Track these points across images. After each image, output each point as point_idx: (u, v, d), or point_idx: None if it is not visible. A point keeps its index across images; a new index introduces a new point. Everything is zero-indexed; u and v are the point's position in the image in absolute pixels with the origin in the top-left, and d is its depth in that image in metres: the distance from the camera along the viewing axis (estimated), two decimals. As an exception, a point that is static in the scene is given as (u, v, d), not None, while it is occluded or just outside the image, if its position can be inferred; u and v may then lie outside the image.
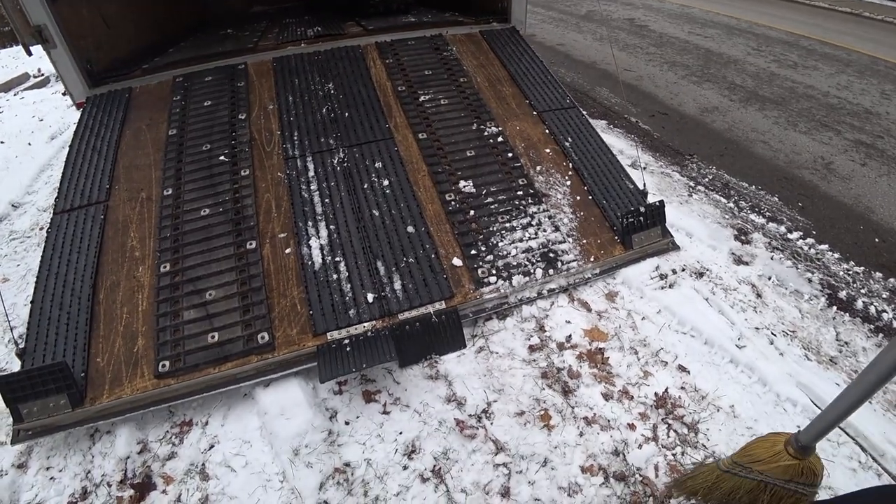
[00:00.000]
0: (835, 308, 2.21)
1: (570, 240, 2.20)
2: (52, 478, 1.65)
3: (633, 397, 1.77)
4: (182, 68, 3.02)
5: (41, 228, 3.01)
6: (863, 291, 2.35)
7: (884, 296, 2.34)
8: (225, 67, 3.00)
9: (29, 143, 4.27)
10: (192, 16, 5.79)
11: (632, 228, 2.20)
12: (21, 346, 1.84)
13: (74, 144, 2.55)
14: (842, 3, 8.43)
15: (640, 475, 1.54)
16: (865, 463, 1.55)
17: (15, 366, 2.01)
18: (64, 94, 4.43)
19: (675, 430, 1.67)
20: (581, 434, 1.65)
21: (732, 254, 2.49)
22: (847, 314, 2.19)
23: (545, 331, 2.01)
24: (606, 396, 1.77)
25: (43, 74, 6.58)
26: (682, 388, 1.80)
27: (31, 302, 1.95)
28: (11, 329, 2.11)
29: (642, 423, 1.68)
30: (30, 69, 6.65)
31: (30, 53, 2.69)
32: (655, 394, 1.78)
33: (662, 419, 1.70)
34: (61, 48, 2.72)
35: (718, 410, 1.73)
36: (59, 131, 4.49)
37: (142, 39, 3.99)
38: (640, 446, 1.62)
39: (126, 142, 2.57)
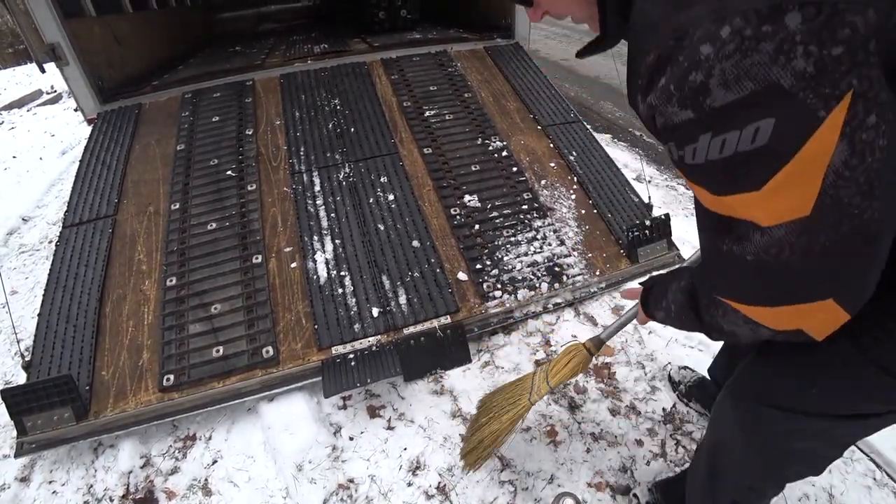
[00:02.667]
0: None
1: (576, 253, 2.19)
2: (54, 492, 1.65)
3: (640, 413, 1.74)
4: (191, 85, 3.08)
5: (50, 242, 3.05)
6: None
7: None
8: (233, 84, 3.05)
9: (40, 158, 4.34)
10: (201, 34, 5.92)
11: (637, 242, 2.19)
12: (27, 358, 1.85)
13: (84, 159, 2.59)
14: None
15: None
16: (881, 480, 1.52)
17: (20, 378, 2.01)
18: (75, 110, 4.51)
19: (683, 446, 1.64)
20: (588, 450, 1.63)
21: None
22: (857, 328, 2.16)
23: (551, 345, 1.99)
24: (613, 412, 1.75)
25: (55, 91, 6.72)
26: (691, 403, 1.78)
27: (38, 315, 1.96)
28: (18, 342, 2.12)
29: (650, 439, 1.65)
30: (43, 86, 6.80)
31: (43, 71, 2.75)
32: (663, 409, 1.75)
33: (671, 435, 1.67)
34: (74, 65, 2.78)
35: (728, 426, 1.70)
36: (71, 146, 4.56)
37: (152, 57, 4.08)
38: (647, 463, 1.59)
39: (135, 157, 2.61)
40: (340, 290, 2.00)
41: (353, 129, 2.70)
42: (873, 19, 0.46)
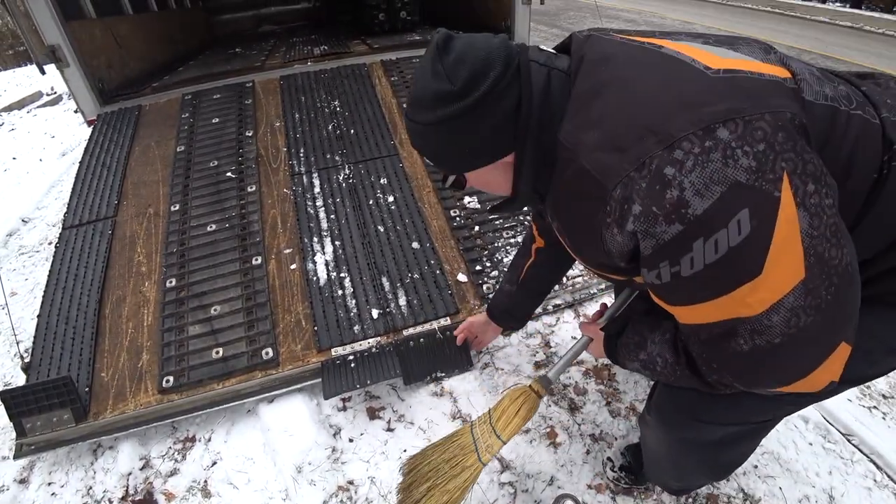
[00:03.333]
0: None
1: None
2: (53, 493, 1.64)
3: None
4: (191, 86, 3.08)
5: (50, 243, 3.05)
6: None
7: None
8: (233, 85, 3.06)
9: (40, 160, 4.34)
10: (201, 35, 5.92)
11: (637, 243, 2.19)
12: (27, 360, 1.84)
13: (84, 161, 2.59)
14: (842, 17, 8.50)
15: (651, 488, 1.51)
16: (881, 482, 1.52)
17: (20, 380, 2.01)
18: (75, 111, 4.51)
19: (683, 449, 1.64)
20: (588, 452, 1.63)
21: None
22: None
23: (551, 347, 1.99)
24: (613, 413, 1.75)
25: (56, 92, 6.72)
26: (691, 405, 1.78)
27: (38, 316, 1.96)
28: (17, 343, 2.12)
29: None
30: (43, 88, 6.80)
31: (43, 72, 2.75)
32: (663, 411, 1.75)
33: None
34: (74, 67, 2.79)
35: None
36: (70, 148, 4.57)
37: (152, 58, 4.09)
38: (648, 465, 1.59)
39: (135, 158, 2.61)
40: (340, 292, 2.00)
41: (353, 131, 2.71)
42: (771, 121, 0.60)
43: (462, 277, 2.07)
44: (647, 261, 0.67)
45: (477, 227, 2.25)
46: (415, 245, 2.16)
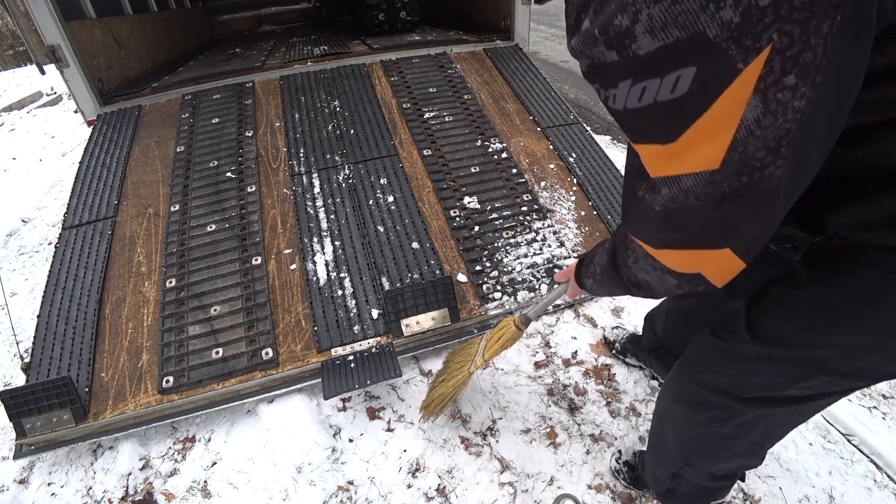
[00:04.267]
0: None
1: (576, 255, 2.19)
2: (53, 493, 1.64)
3: (640, 414, 1.74)
4: (191, 86, 3.08)
5: (50, 243, 3.05)
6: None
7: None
8: (233, 86, 3.06)
9: (40, 160, 4.34)
10: (200, 36, 5.92)
11: (637, 243, 2.19)
12: (26, 360, 1.84)
13: (84, 161, 2.59)
14: (843, 19, 8.48)
15: (648, 494, 1.51)
16: (881, 482, 1.52)
17: (20, 380, 2.01)
18: (75, 111, 4.51)
19: (683, 449, 1.64)
20: (588, 452, 1.63)
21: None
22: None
23: (551, 347, 1.99)
24: (613, 413, 1.75)
25: (56, 93, 6.72)
26: (691, 405, 1.78)
27: (38, 316, 1.96)
28: (17, 343, 2.12)
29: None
30: (43, 88, 6.80)
31: (43, 72, 2.75)
32: (663, 411, 1.75)
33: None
34: (74, 67, 2.79)
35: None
36: (70, 148, 4.57)
37: (152, 59, 4.09)
38: (648, 465, 1.59)
39: (135, 158, 2.61)
40: (340, 292, 2.00)
41: (352, 131, 2.71)
42: None
43: (462, 277, 2.07)
44: (585, 75, 0.62)
45: (477, 228, 2.25)
46: (415, 245, 2.16)
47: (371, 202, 2.34)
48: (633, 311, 2.15)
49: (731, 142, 0.51)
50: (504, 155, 2.59)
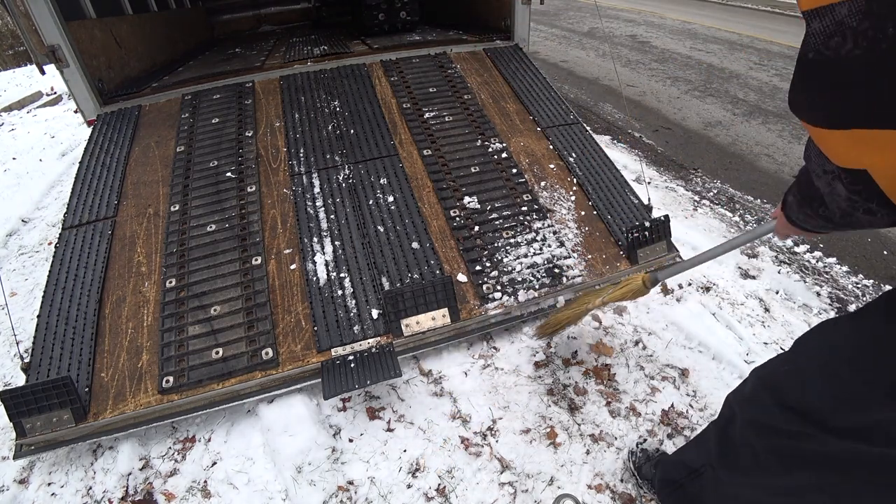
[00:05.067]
0: (844, 323, 2.18)
1: (576, 255, 2.19)
2: (53, 493, 1.64)
3: (640, 414, 1.74)
4: (191, 86, 3.08)
5: (50, 243, 3.05)
6: (872, 306, 2.32)
7: (894, 311, 2.30)
8: (233, 86, 3.05)
9: (40, 160, 4.34)
10: (200, 36, 5.92)
11: (637, 243, 2.19)
12: (26, 360, 1.84)
13: (84, 161, 2.59)
14: (843, 19, 8.47)
15: (648, 494, 1.51)
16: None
17: (20, 380, 2.01)
18: (75, 111, 4.51)
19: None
20: (588, 452, 1.63)
21: (739, 268, 2.47)
22: (857, 330, 2.16)
23: (551, 347, 1.99)
24: (613, 413, 1.75)
25: (56, 93, 6.72)
26: (690, 404, 1.78)
27: (38, 316, 1.96)
28: (17, 343, 2.12)
29: (650, 440, 1.65)
30: (43, 87, 6.80)
31: (43, 72, 2.75)
32: (662, 410, 1.75)
33: (669, 436, 1.67)
34: (74, 67, 2.78)
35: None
36: (70, 148, 4.56)
37: (152, 59, 4.09)
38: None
39: (135, 158, 2.61)
40: (340, 292, 2.00)
41: (352, 131, 2.71)
42: None
43: (462, 277, 2.07)
44: None
45: (477, 228, 2.25)
46: (415, 245, 2.16)
47: (371, 202, 2.34)
48: (634, 312, 2.15)
49: None
50: (504, 155, 2.59)
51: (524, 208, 2.34)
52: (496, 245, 2.19)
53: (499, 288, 2.04)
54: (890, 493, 0.82)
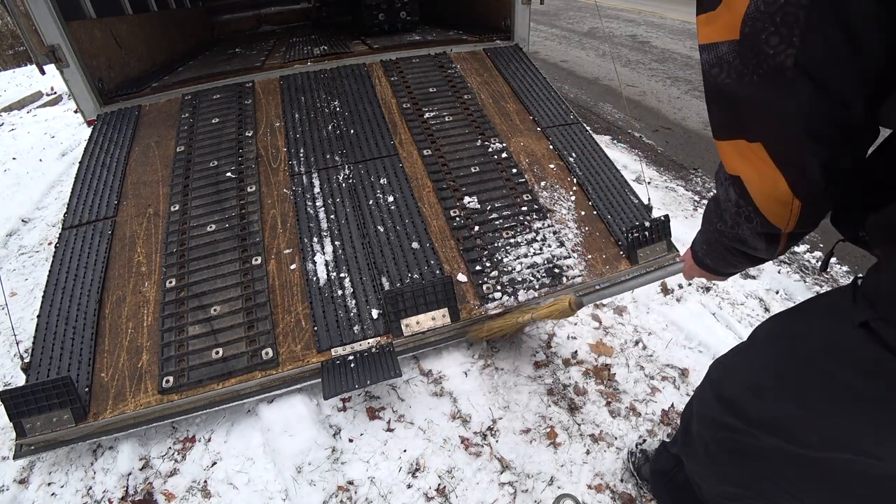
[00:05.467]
0: (844, 323, 2.18)
1: (576, 255, 2.19)
2: (53, 493, 1.64)
3: (640, 414, 1.74)
4: (191, 86, 3.08)
5: (50, 243, 3.05)
6: (872, 306, 2.32)
7: (894, 311, 2.30)
8: (233, 86, 3.05)
9: (40, 160, 4.34)
10: (200, 35, 5.92)
11: (637, 243, 2.19)
12: (26, 360, 1.84)
13: (84, 161, 2.59)
14: (843, 19, 8.47)
15: (648, 494, 1.51)
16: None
17: (20, 380, 2.01)
18: (75, 111, 4.51)
19: (683, 449, 1.64)
20: (588, 452, 1.63)
21: (739, 268, 2.47)
22: (857, 330, 2.16)
23: (551, 347, 1.99)
24: (613, 413, 1.75)
25: (56, 93, 6.72)
26: (691, 405, 1.78)
27: (38, 316, 1.96)
28: (17, 343, 2.12)
29: (650, 440, 1.65)
30: (43, 87, 6.80)
31: (43, 72, 2.75)
32: (663, 410, 1.75)
33: (668, 435, 1.67)
34: (74, 67, 2.78)
35: (728, 428, 1.70)
36: (70, 148, 4.56)
37: (152, 58, 4.09)
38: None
39: (135, 158, 2.61)
40: (340, 292, 2.00)
41: (352, 131, 2.71)
42: None
43: (462, 277, 2.07)
44: None
45: (477, 228, 2.25)
46: (414, 245, 2.16)
47: (371, 202, 2.34)
48: (634, 312, 2.15)
49: (744, 14, 0.56)
50: (504, 155, 2.59)
51: (524, 208, 2.34)
52: (496, 245, 2.19)
53: (499, 288, 2.04)
54: (822, 487, 0.83)
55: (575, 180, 2.51)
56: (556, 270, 2.11)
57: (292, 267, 2.09)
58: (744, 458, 0.94)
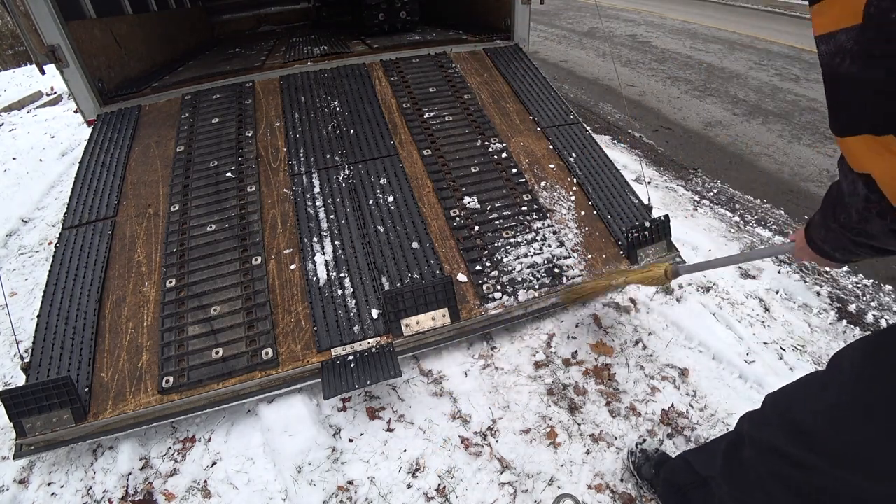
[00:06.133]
0: (844, 322, 2.18)
1: (576, 255, 2.19)
2: (53, 493, 1.64)
3: (640, 414, 1.74)
4: (191, 86, 3.08)
5: (50, 243, 3.05)
6: (872, 305, 2.32)
7: (894, 309, 2.31)
8: (233, 85, 3.05)
9: (40, 160, 4.34)
10: (200, 35, 5.92)
11: (637, 243, 2.19)
12: (26, 360, 1.84)
13: (84, 161, 2.59)
14: (843, 18, 8.46)
15: (648, 494, 1.51)
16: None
17: (20, 380, 2.01)
18: (75, 111, 4.51)
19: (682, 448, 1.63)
20: (588, 452, 1.63)
21: (739, 268, 2.47)
22: (857, 328, 2.17)
23: (551, 347, 1.99)
24: (613, 413, 1.75)
25: (56, 93, 6.71)
26: (690, 404, 1.78)
27: (38, 316, 1.96)
28: (17, 343, 2.12)
29: (650, 440, 1.65)
30: (43, 87, 6.80)
31: (43, 72, 2.75)
32: (662, 410, 1.75)
33: (669, 436, 1.67)
34: (74, 67, 2.78)
35: (727, 426, 1.70)
36: (70, 148, 4.56)
37: (152, 58, 4.09)
38: (648, 465, 1.59)
39: (135, 158, 2.61)
40: (340, 292, 2.00)
41: (352, 131, 2.71)
42: None
43: (462, 277, 2.07)
44: None
45: (477, 228, 2.25)
46: (414, 245, 2.16)
47: (371, 202, 2.34)
48: (634, 312, 2.15)
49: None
50: (504, 155, 2.59)
51: (524, 208, 2.34)
52: (496, 245, 2.19)
53: (499, 288, 2.04)
54: None
55: (575, 180, 2.51)
56: (556, 270, 2.11)
57: (292, 267, 2.09)
58: (803, 499, 0.90)
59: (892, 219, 0.66)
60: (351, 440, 1.71)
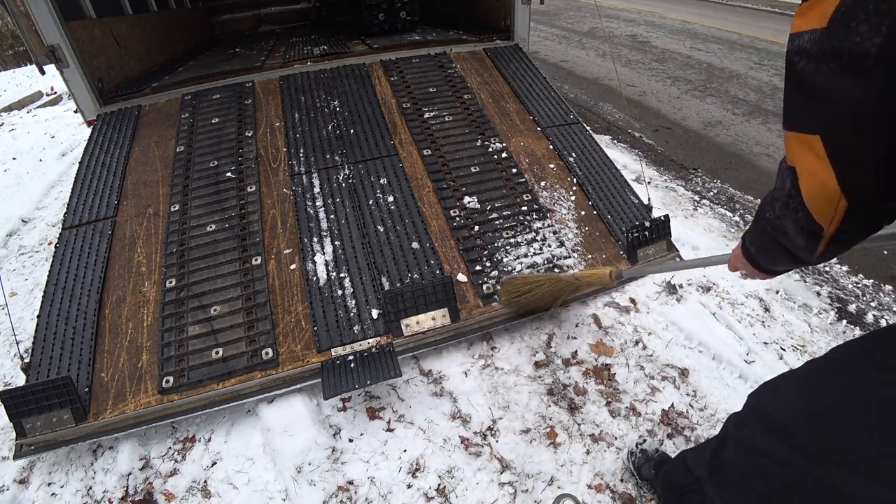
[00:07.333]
0: (845, 322, 2.18)
1: (576, 255, 2.19)
2: (53, 493, 1.64)
3: (640, 414, 1.74)
4: (191, 86, 3.08)
5: (50, 243, 3.05)
6: (873, 304, 2.32)
7: (894, 309, 2.31)
8: (233, 85, 3.05)
9: (40, 160, 4.34)
10: (200, 35, 5.92)
11: (637, 243, 2.19)
12: (26, 360, 1.84)
13: (84, 161, 2.59)
14: (843, 18, 8.47)
15: (648, 494, 1.51)
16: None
17: (20, 380, 2.01)
18: (75, 111, 4.51)
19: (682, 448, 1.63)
20: (588, 452, 1.63)
21: (739, 268, 2.46)
22: (857, 328, 2.17)
23: (551, 347, 1.99)
24: (613, 413, 1.75)
25: (56, 93, 6.71)
26: (690, 404, 1.78)
27: (38, 316, 1.96)
28: (17, 343, 2.12)
29: (650, 440, 1.65)
30: (43, 87, 6.80)
31: (43, 72, 2.75)
32: (662, 410, 1.75)
33: (669, 436, 1.67)
34: (74, 67, 2.78)
35: (728, 428, 1.70)
36: (70, 148, 4.56)
37: (152, 58, 4.09)
38: (648, 465, 1.59)
39: (135, 158, 2.61)
40: (340, 292, 2.00)
41: (352, 131, 2.71)
42: None
43: (462, 277, 2.07)
44: None
45: (476, 228, 2.25)
46: (414, 245, 2.16)
47: (371, 202, 2.34)
48: (634, 312, 2.15)
49: (837, 6, 0.58)
50: (504, 155, 2.59)
51: (524, 208, 2.34)
52: (496, 245, 2.19)
53: (499, 287, 2.04)
54: None
55: (575, 180, 2.52)
56: (557, 270, 2.11)
57: (292, 267, 2.09)
58: (787, 489, 0.92)
59: (803, 216, 0.71)
60: (351, 440, 1.71)
